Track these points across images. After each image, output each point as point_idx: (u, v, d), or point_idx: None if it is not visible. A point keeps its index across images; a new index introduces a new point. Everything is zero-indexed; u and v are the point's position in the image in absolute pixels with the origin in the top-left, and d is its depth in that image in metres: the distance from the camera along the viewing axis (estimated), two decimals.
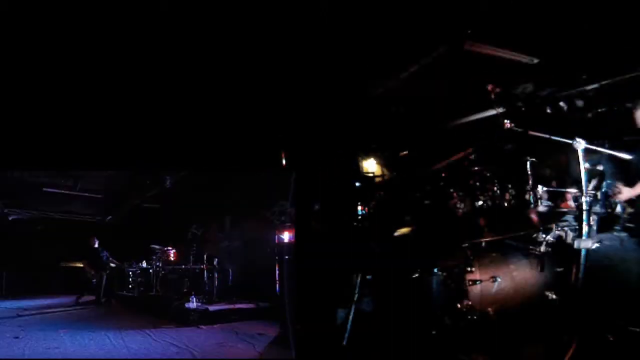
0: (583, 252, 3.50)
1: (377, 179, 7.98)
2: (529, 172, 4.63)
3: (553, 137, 3.86)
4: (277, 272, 7.01)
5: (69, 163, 6.69)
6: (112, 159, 6.61)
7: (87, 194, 9.56)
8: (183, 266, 8.70)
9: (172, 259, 9.14)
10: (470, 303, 4.10)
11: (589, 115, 5.60)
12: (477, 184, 4.99)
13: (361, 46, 5.34)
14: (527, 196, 4.66)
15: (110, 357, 4.93)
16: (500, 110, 5.88)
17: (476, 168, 5.06)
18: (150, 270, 9.07)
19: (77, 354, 4.92)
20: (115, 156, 6.57)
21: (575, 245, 3.52)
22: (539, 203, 4.49)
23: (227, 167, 7.06)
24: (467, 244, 4.39)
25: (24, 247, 10.47)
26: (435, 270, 4.41)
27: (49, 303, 8.75)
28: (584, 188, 3.56)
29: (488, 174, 4.94)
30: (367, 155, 8.13)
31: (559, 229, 4.08)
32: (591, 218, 3.61)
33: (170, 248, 9.21)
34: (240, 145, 6.79)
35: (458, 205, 5.08)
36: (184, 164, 7.05)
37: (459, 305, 4.13)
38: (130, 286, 9.51)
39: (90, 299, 9.05)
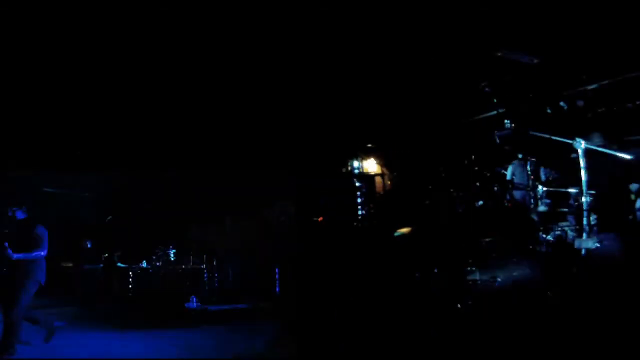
0: (583, 252, 3.50)
1: (377, 179, 7.99)
2: (529, 172, 4.63)
3: (553, 137, 3.87)
4: (277, 272, 7.03)
5: (69, 163, 6.70)
6: (111, 159, 6.61)
7: (86, 194, 9.52)
8: (183, 266, 8.68)
9: (173, 259, 9.11)
10: (470, 303, 4.10)
11: (589, 115, 5.61)
12: (477, 184, 4.99)
13: (361, 46, 5.34)
14: (527, 196, 4.67)
15: (109, 357, 4.91)
16: (501, 110, 5.89)
17: (476, 168, 5.06)
18: (151, 271, 9.05)
19: (75, 354, 4.89)
20: (115, 156, 6.57)
21: (576, 245, 3.52)
22: (539, 203, 4.50)
23: (229, 167, 7.07)
24: (467, 244, 4.40)
25: None
26: (435, 270, 4.41)
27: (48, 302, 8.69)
28: (584, 188, 3.56)
29: (488, 174, 4.95)
30: (367, 155, 8.13)
31: (559, 229, 4.09)
32: (591, 218, 3.61)
33: (171, 248, 9.19)
34: (241, 145, 6.80)
35: (458, 205, 5.08)
36: (184, 164, 7.05)
37: (459, 305, 4.13)
38: (130, 286, 9.49)
39: None
